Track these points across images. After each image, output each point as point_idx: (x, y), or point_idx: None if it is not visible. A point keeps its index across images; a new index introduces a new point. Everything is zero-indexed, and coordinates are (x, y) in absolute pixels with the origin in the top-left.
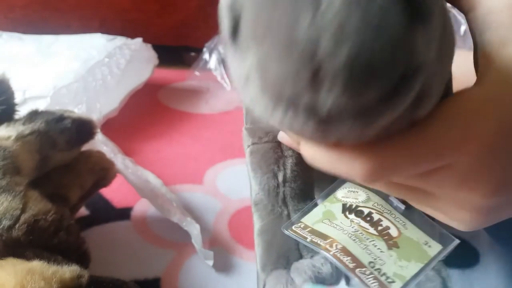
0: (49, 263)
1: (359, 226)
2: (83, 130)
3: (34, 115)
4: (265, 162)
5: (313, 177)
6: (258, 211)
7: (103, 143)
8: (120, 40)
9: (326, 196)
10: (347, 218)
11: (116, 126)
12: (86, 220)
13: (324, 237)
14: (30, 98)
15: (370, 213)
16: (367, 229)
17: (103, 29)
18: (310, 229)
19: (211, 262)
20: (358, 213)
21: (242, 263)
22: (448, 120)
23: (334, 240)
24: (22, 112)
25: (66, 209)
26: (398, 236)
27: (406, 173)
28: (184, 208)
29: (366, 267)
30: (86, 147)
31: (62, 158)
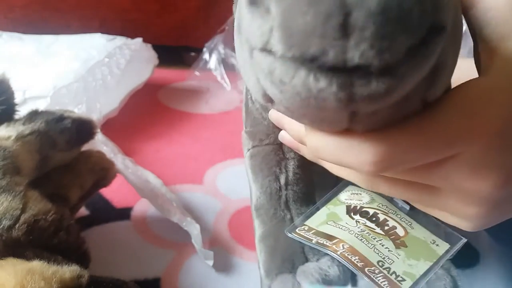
0: (49, 263)
1: (365, 226)
2: (83, 130)
3: (34, 115)
4: (266, 165)
5: (314, 180)
6: (259, 217)
7: (103, 143)
8: (120, 40)
9: (329, 199)
10: (352, 219)
11: (116, 126)
12: (86, 220)
13: (330, 238)
14: (30, 98)
15: (376, 213)
16: (374, 229)
17: (103, 29)
18: (314, 231)
19: (211, 262)
20: (363, 213)
21: (242, 263)
22: (457, 108)
23: (341, 240)
24: (22, 112)
25: (66, 209)
26: (405, 235)
27: (416, 161)
28: (184, 208)
29: (375, 266)
30: (86, 147)
31: (62, 158)
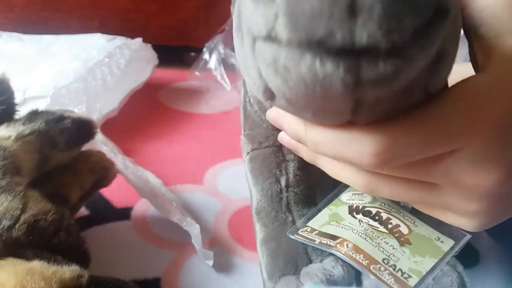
0: (49, 263)
1: (369, 225)
2: (83, 130)
3: (34, 115)
4: (266, 167)
5: (314, 182)
6: (260, 220)
7: (103, 143)
8: (120, 40)
9: (330, 200)
10: (355, 218)
11: (116, 126)
12: (86, 220)
13: (333, 237)
14: (30, 98)
15: (378, 212)
16: (377, 227)
17: (103, 29)
18: (317, 231)
19: (211, 262)
20: (366, 213)
21: (242, 263)
22: (457, 103)
23: (345, 239)
24: (22, 112)
25: (66, 209)
26: (409, 233)
27: (417, 154)
28: (184, 208)
29: (381, 264)
30: (86, 147)
31: (62, 158)
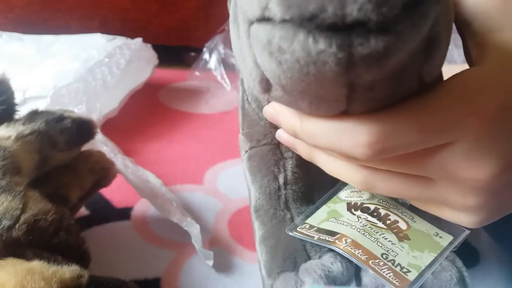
0: (49, 263)
1: (367, 221)
2: (83, 130)
3: (34, 115)
4: (264, 165)
5: (312, 180)
6: (259, 218)
7: (103, 143)
8: (120, 40)
9: (329, 198)
10: (354, 214)
11: (116, 126)
12: (86, 220)
13: (332, 233)
14: (30, 98)
15: (377, 208)
16: (375, 223)
17: (103, 29)
18: (316, 228)
19: (211, 262)
20: (364, 209)
21: (242, 263)
22: (451, 95)
23: (343, 235)
24: (22, 112)
25: (66, 209)
26: (407, 229)
27: (411, 144)
28: (184, 208)
29: (379, 259)
30: (86, 147)
31: (62, 158)
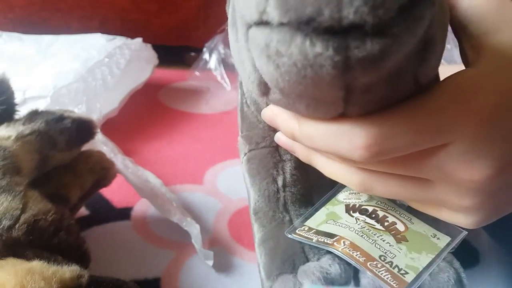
0: (49, 263)
1: (365, 223)
2: (83, 130)
3: (34, 115)
4: (263, 167)
5: (311, 182)
6: (258, 220)
7: (103, 143)
8: (120, 40)
9: (327, 200)
10: (352, 216)
11: (116, 126)
12: (86, 220)
13: (330, 236)
14: (30, 98)
15: (375, 210)
16: (374, 225)
17: (103, 29)
18: (315, 230)
19: (211, 262)
20: (363, 211)
21: (242, 263)
22: (447, 96)
23: (342, 237)
24: (22, 112)
25: (66, 209)
26: (405, 230)
27: (408, 146)
28: (184, 208)
29: (377, 261)
30: (86, 147)
31: (62, 158)
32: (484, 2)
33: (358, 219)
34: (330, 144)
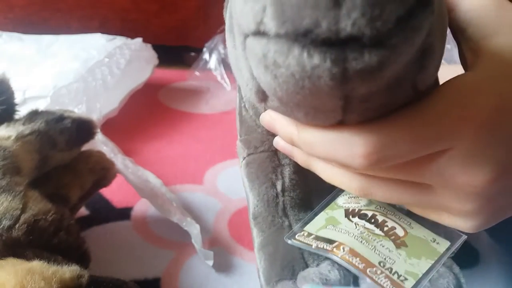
0: (49, 263)
1: (365, 228)
2: (83, 130)
3: (34, 115)
4: (262, 172)
5: (310, 186)
6: (257, 225)
7: (103, 143)
8: (120, 40)
9: (327, 204)
10: (351, 221)
11: (116, 126)
12: (86, 220)
13: (330, 241)
14: (30, 98)
15: (374, 215)
16: (373, 230)
17: (103, 29)
18: (314, 236)
19: (211, 262)
20: (362, 216)
21: (242, 263)
22: (446, 101)
23: (341, 243)
24: (22, 112)
25: (66, 209)
26: (405, 235)
27: (408, 153)
28: (184, 208)
29: (377, 267)
30: (86, 147)
31: (62, 158)
32: (483, 5)
33: (358, 224)
34: (329, 151)
